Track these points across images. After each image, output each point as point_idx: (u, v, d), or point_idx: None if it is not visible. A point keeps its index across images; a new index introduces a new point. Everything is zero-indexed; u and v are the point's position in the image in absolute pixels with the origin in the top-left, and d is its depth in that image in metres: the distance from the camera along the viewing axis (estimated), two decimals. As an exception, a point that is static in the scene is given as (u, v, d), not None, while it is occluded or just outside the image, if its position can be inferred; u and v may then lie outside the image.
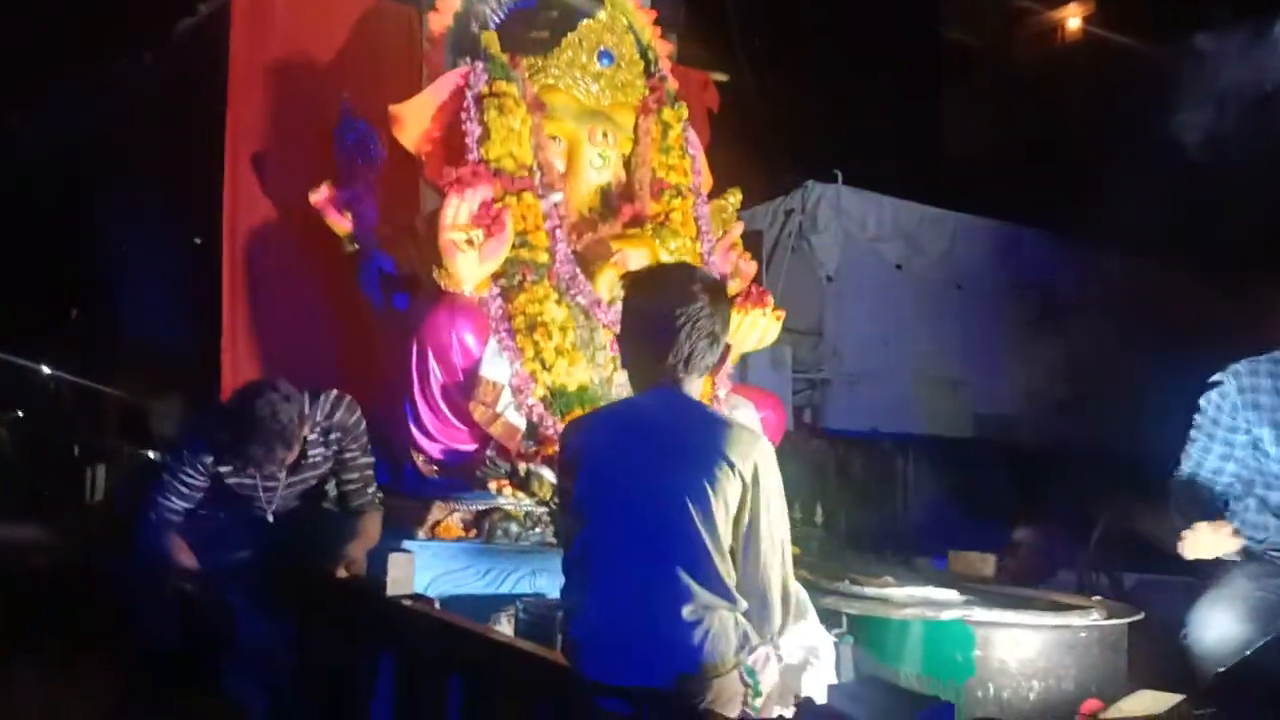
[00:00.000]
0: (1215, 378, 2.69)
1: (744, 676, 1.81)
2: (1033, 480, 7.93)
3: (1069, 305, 8.62)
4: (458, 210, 3.32)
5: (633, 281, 2.08)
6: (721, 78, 5.26)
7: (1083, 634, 2.54)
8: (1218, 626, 2.42)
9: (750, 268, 4.14)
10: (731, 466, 1.77)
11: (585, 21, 3.81)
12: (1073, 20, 12.81)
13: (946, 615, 2.42)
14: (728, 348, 1.94)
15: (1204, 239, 8.03)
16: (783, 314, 3.89)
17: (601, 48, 3.83)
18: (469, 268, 3.32)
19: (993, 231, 9.32)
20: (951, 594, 2.63)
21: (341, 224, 3.71)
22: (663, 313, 1.87)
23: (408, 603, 2.47)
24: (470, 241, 3.31)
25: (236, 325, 3.80)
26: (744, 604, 1.82)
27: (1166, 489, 2.69)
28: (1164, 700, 2.10)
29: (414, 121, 3.72)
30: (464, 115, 3.63)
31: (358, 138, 3.77)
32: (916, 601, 2.58)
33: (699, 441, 1.80)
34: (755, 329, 3.80)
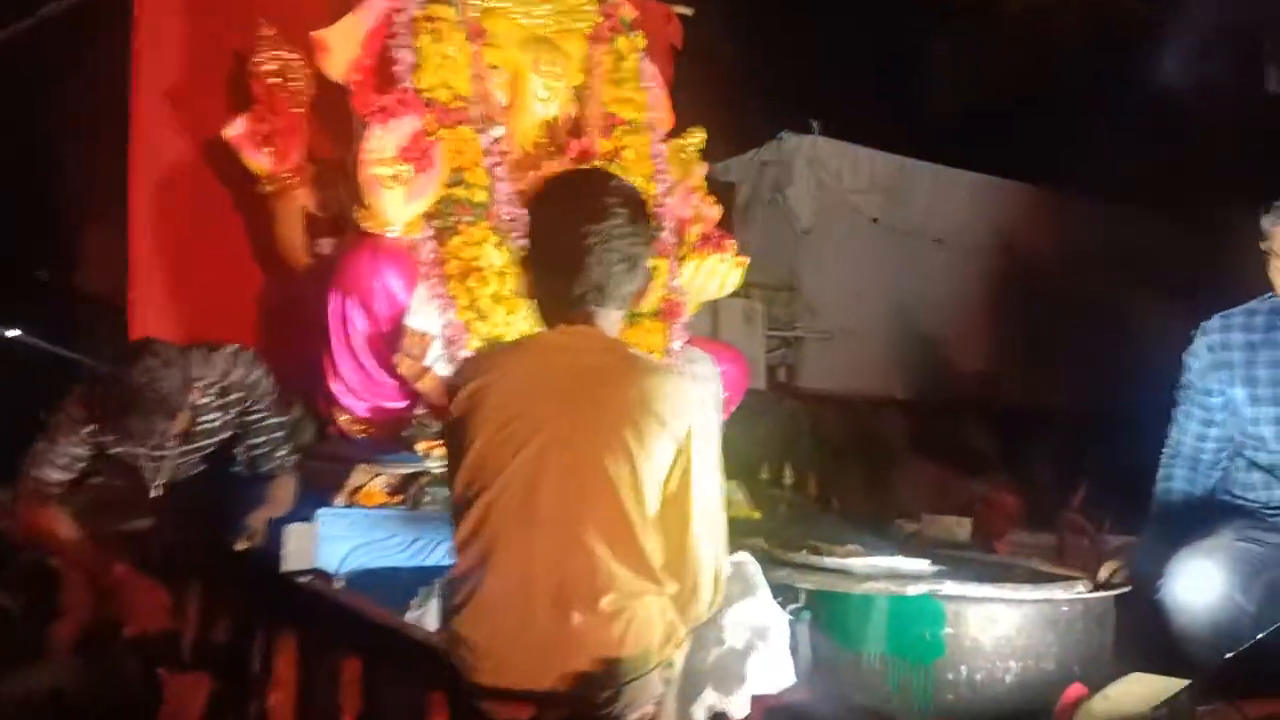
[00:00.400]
0: (1190, 337, 2.48)
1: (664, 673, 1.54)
2: (1015, 439, 7.72)
3: (1054, 260, 8.39)
4: (383, 142, 3.00)
5: (535, 194, 1.77)
6: (686, 11, 4.91)
7: (1065, 609, 2.28)
8: (1193, 578, 2.19)
9: (714, 213, 3.83)
10: (662, 422, 1.49)
11: (527, -61, 3.47)
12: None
13: (913, 589, 2.15)
14: (649, 275, 1.63)
15: (1193, 191, 7.81)
16: (745, 261, 3.60)
17: (547, -33, 3.50)
18: (395, 206, 3.01)
19: (974, 184, 9.02)
20: (921, 564, 2.37)
21: (261, 162, 3.37)
22: (569, 231, 1.57)
23: (304, 580, 2.19)
24: (396, 177, 2.99)
25: (146, 274, 3.46)
26: (672, 586, 1.55)
27: (1152, 496, 2.50)
28: (1158, 686, 1.85)
29: (341, 49, 3.37)
30: (394, 41, 3.30)
31: (279, 67, 3.43)
32: (881, 573, 2.31)
33: (623, 390, 1.52)
34: (714, 276, 3.50)
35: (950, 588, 2.17)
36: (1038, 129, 8.79)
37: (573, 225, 1.56)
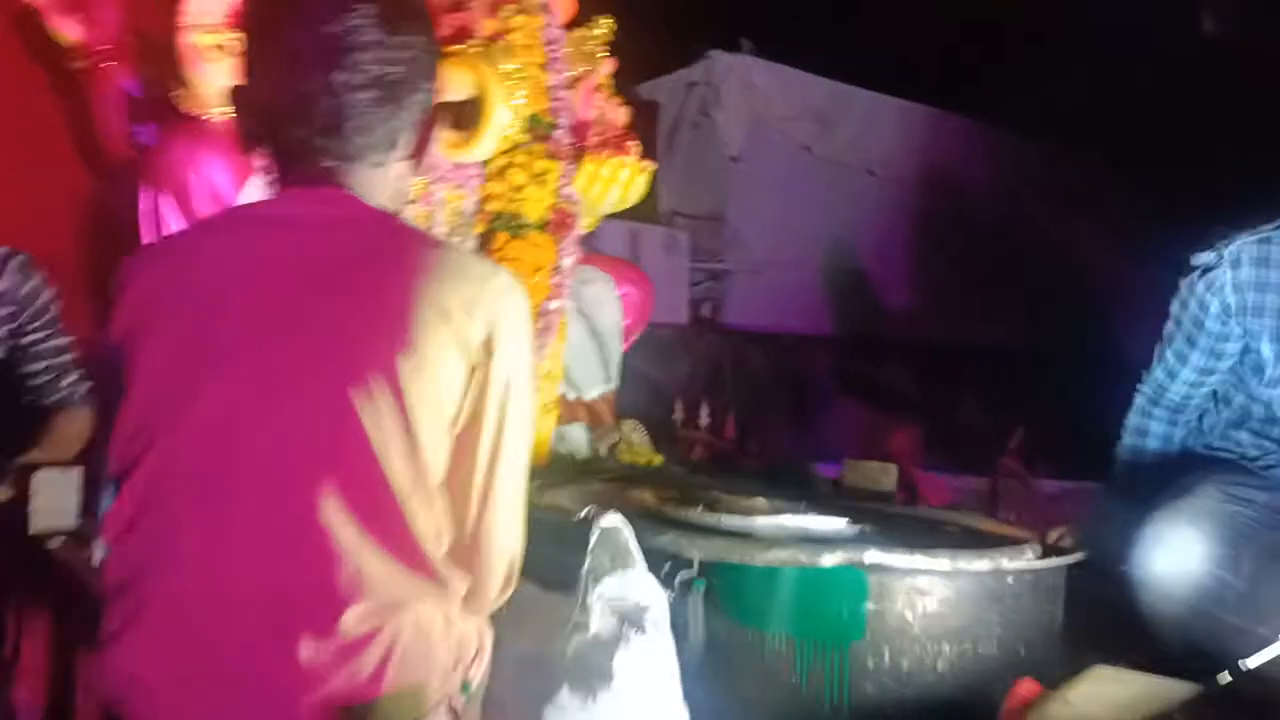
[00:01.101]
0: (1202, 258, 1.95)
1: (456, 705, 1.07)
2: (946, 379, 7.43)
3: (989, 196, 8.06)
4: (203, 3, 2.44)
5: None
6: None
7: (1010, 580, 1.88)
8: (1169, 545, 1.81)
9: (620, 115, 3.31)
10: (450, 327, 1.00)
11: None
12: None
13: (827, 558, 1.73)
14: (429, 110, 1.13)
15: (1131, 129, 7.52)
16: (651, 166, 3.11)
17: None
18: (218, 84, 2.46)
19: (909, 114, 8.62)
20: (838, 523, 1.95)
21: (70, 31, 2.78)
22: (280, 43, 1.05)
23: (55, 544, 1.69)
24: (221, 47, 2.44)
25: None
26: (461, 585, 1.09)
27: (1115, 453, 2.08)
28: (1132, 688, 1.46)
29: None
30: (233, -112, 2.72)
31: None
32: (789, 536, 1.89)
33: (384, 282, 1.01)
34: (614, 184, 3.02)
35: (872, 555, 1.75)
36: (977, 60, 8.41)
37: (285, 34, 1.04)
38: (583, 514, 1.58)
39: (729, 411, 5.21)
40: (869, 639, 1.82)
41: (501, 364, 1.03)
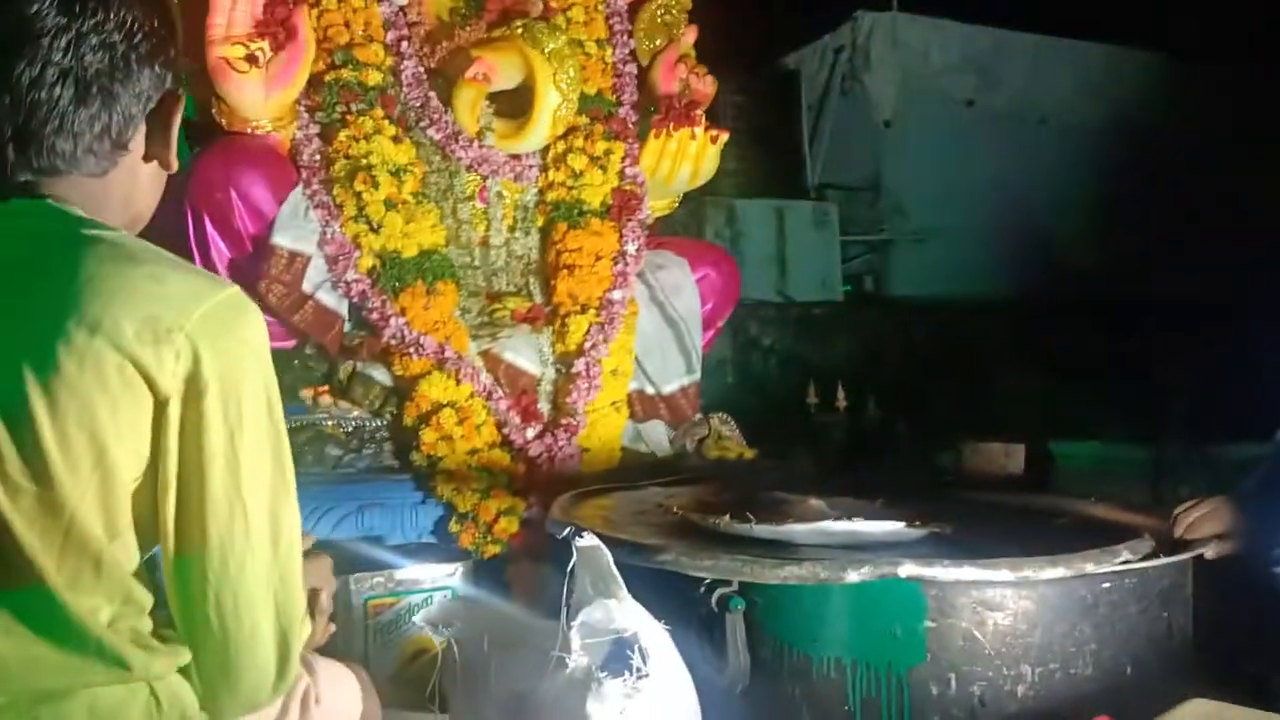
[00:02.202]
0: None
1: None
2: (1137, 341, 6.76)
3: (1178, 139, 7.26)
4: (230, 15, 2.39)
5: None
6: None
7: (1105, 585, 1.55)
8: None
9: (706, 85, 3.07)
10: (115, 346, 0.81)
11: None
12: None
13: (852, 574, 1.46)
14: (150, 101, 0.94)
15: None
16: (723, 136, 2.86)
17: None
18: (252, 96, 2.41)
19: (1083, 55, 7.93)
20: (893, 526, 1.67)
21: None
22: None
23: None
24: (252, 59, 2.38)
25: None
26: (169, 659, 0.89)
27: None
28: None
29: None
30: (274, -102, 2.67)
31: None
32: (836, 541, 1.62)
33: (40, 297, 0.83)
34: (684, 158, 2.79)
35: (910, 568, 1.46)
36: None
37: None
38: (563, 533, 1.39)
39: (871, 391, 4.88)
40: (931, 662, 1.54)
41: (219, 402, 0.84)
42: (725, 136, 2.86)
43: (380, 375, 2.44)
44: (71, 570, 0.82)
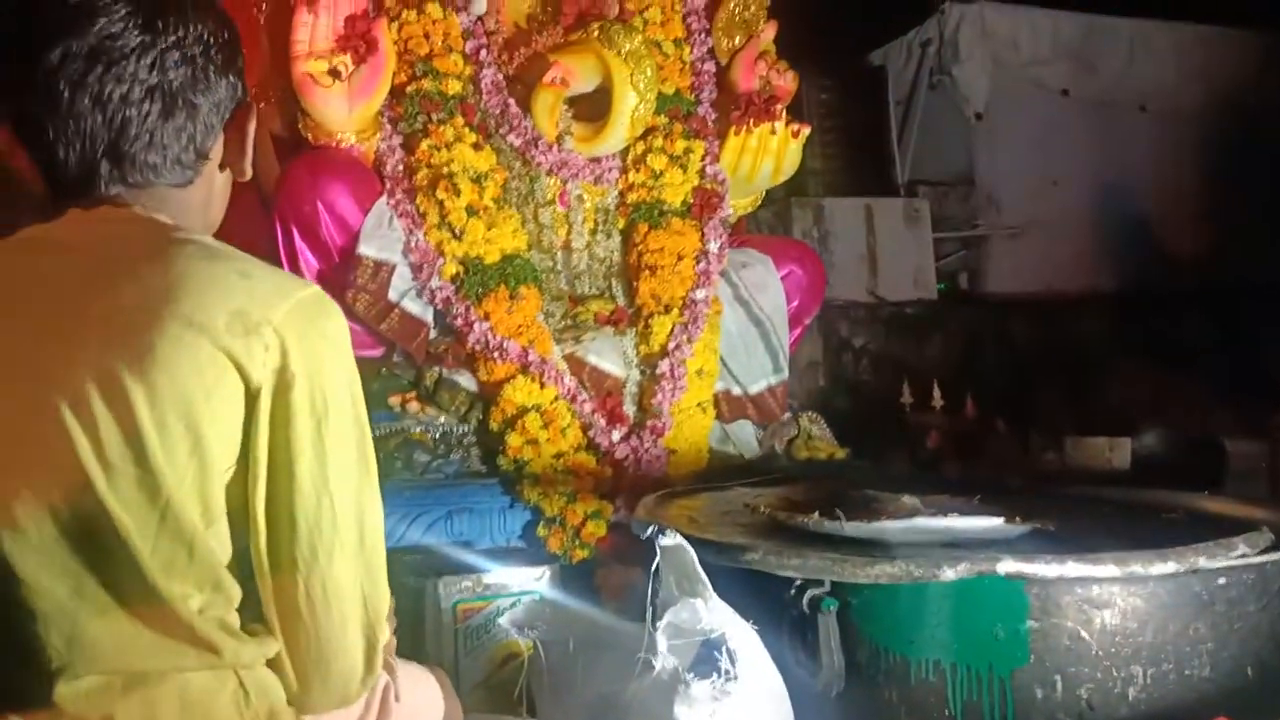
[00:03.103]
0: None
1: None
2: (1253, 329, 6.45)
3: (1283, 117, 6.95)
4: (313, 31, 2.43)
5: None
6: None
7: (1221, 581, 1.46)
8: None
9: (787, 81, 3.03)
10: (208, 335, 0.82)
11: None
12: None
13: (947, 571, 1.40)
14: (224, 114, 0.94)
15: None
16: (804, 130, 2.81)
17: None
18: (336, 109, 2.45)
19: (1181, 37, 7.63)
20: (991, 522, 1.60)
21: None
22: (48, 66, 0.88)
23: None
24: (335, 73, 2.43)
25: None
26: (258, 650, 0.89)
27: None
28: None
29: (299, -66, 2.82)
30: (354, -85, 2.72)
31: (231, -33, 2.91)
32: (925, 538, 1.56)
33: (133, 293, 0.84)
34: (765, 154, 2.75)
35: (1008, 565, 1.39)
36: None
37: (39, 52, 0.87)
38: (646, 532, 1.36)
39: (969, 391, 4.75)
40: (1035, 664, 1.46)
41: (306, 394, 0.85)
42: (807, 130, 2.81)
43: (466, 381, 2.45)
44: (166, 554, 0.83)
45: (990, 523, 1.61)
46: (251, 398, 0.84)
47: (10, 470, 0.81)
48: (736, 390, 2.66)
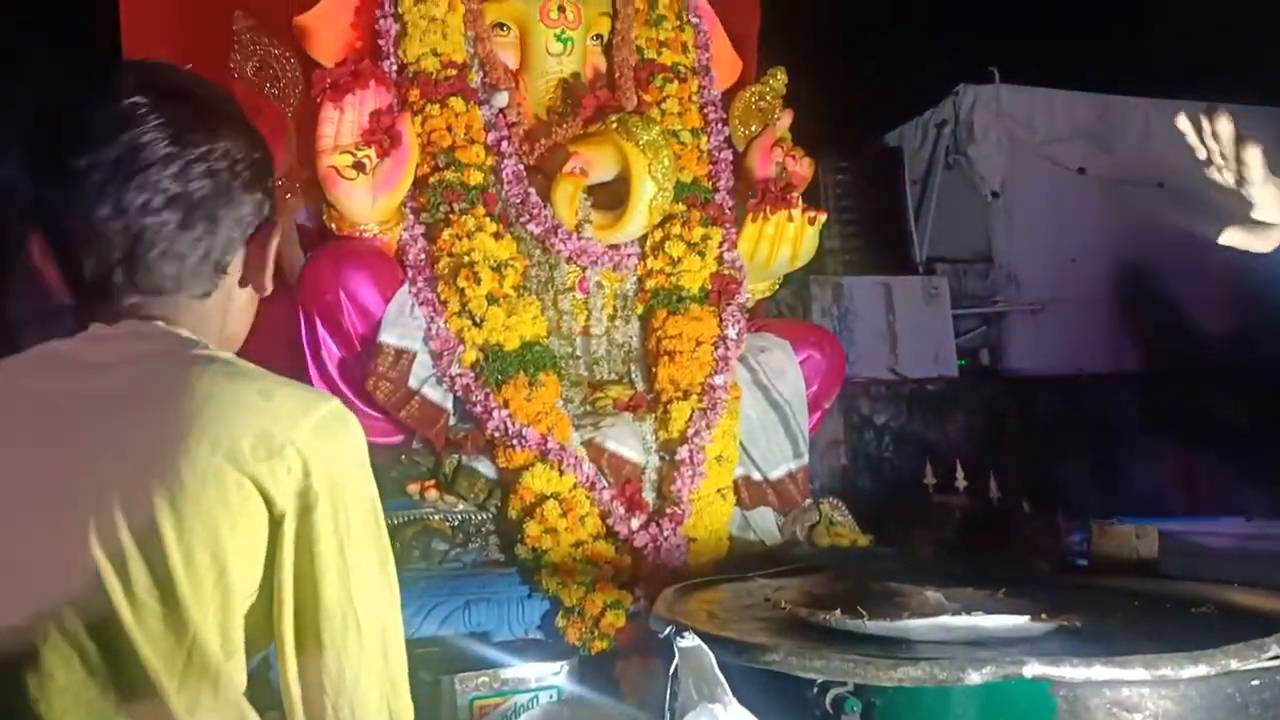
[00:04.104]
0: None
1: None
2: (1272, 411, 6.38)
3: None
4: (338, 126, 2.49)
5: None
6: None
7: (1255, 683, 1.42)
8: None
9: (803, 167, 3.07)
10: (234, 462, 0.83)
11: None
12: None
13: (972, 675, 1.37)
14: (253, 225, 0.96)
15: None
16: (821, 217, 2.83)
17: (550, -104, 2.90)
18: (360, 201, 2.49)
19: (1199, 115, 7.68)
20: (1017, 620, 1.57)
21: (246, 172, 2.94)
22: (72, 171, 0.89)
23: None
24: (359, 166, 2.47)
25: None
26: None
27: None
28: None
29: (328, 32, 2.90)
30: (378, 11, 2.81)
31: (260, 64, 3.00)
32: (950, 636, 1.54)
33: (157, 417, 0.85)
34: (783, 241, 2.77)
35: (1035, 667, 1.36)
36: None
37: (65, 158, 0.89)
38: (664, 632, 1.34)
39: (990, 470, 4.70)
40: (1064, 773, 1.42)
41: (330, 513, 0.85)
42: (823, 217, 2.84)
43: (485, 468, 2.45)
44: (192, 692, 0.83)
45: (1016, 621, 1.58)
46: (275, 523, 0.84)
47: (39, 611, 0.81)
48: (756, 476, 2.64)
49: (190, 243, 0.92)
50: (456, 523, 2.41)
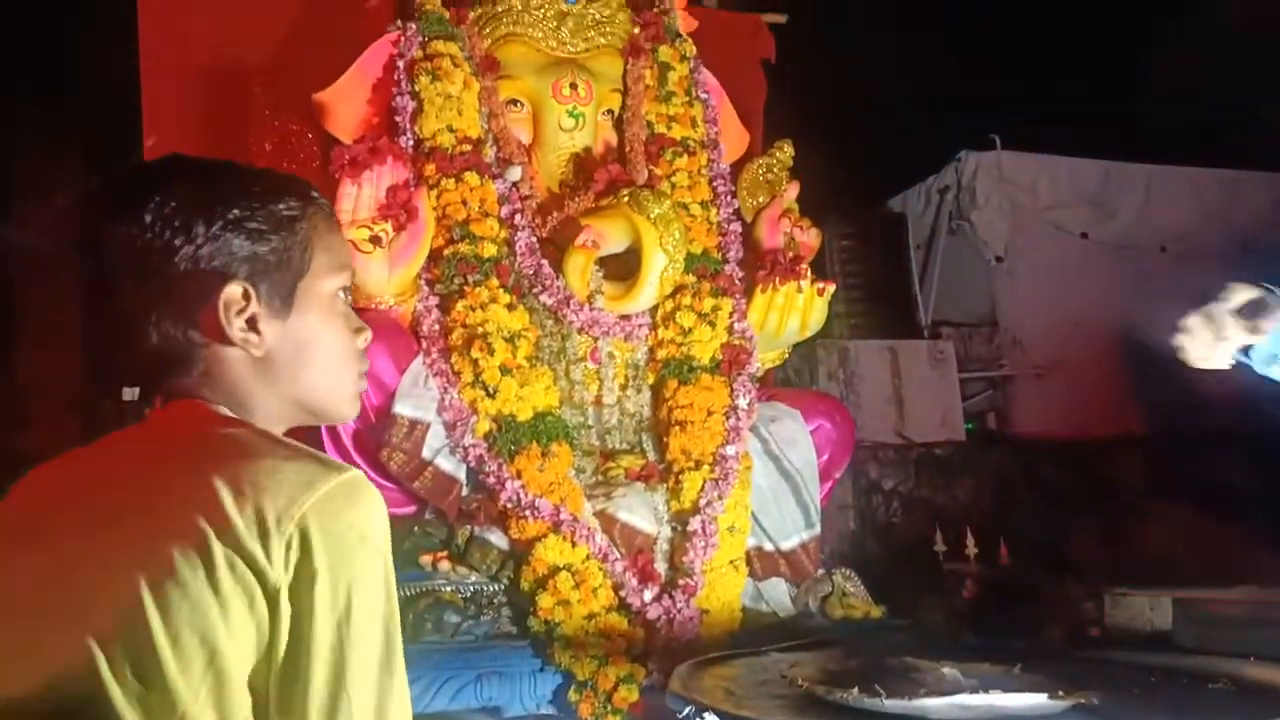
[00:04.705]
0: None
1: None
2: (1282, 474, 6.35)
3: (1309, 257, 7.01)
4: (356, 201, 2.55)
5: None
6: (778, 19, 4.27)
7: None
8: None
9: (810, 238, 3.12)
10: (227, 535, 0.81)
11: (539, -51, 2.97)
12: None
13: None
14: (230, 297, 0.94)
15: None
16: (830, 287, 2.88)
17: (564, -21, 2.99)
18: (376, 274, 2.54)
19: (1202, 180, 7.76)
20: (1034, 700, 1.56)
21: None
22: (88, 255, 0.92)
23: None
24: (376, 240, 2.52)
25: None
26: None
27: None
28: None
29: (345, 108, 2.97)
30: (395, 89, 2.88)
31: (278, 140, 3.07)
32: (968, 714, 1.53)
33: (158, 488, 0.85)
34: (791, 311, 2.80)
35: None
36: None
37: (95, 244, 0.91)
38: (683, 712, 1.34)
39: (1000, 537, 4.69)
40: None
41: (328, 590, 0.82)
42: (832, 288, 2.88)
43: (497, 539, 2.46)
44: None
45: (1034, 699, 1.57)
46: (270, 600, 0.82)
47: (35, 686, 0.81)
48: (769, 546, 2.64)
49: (144, 331, 0.90)
50: (469, 594, 2.41)
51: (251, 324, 0.92)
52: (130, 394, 4.33)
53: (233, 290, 0.91)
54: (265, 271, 0.92)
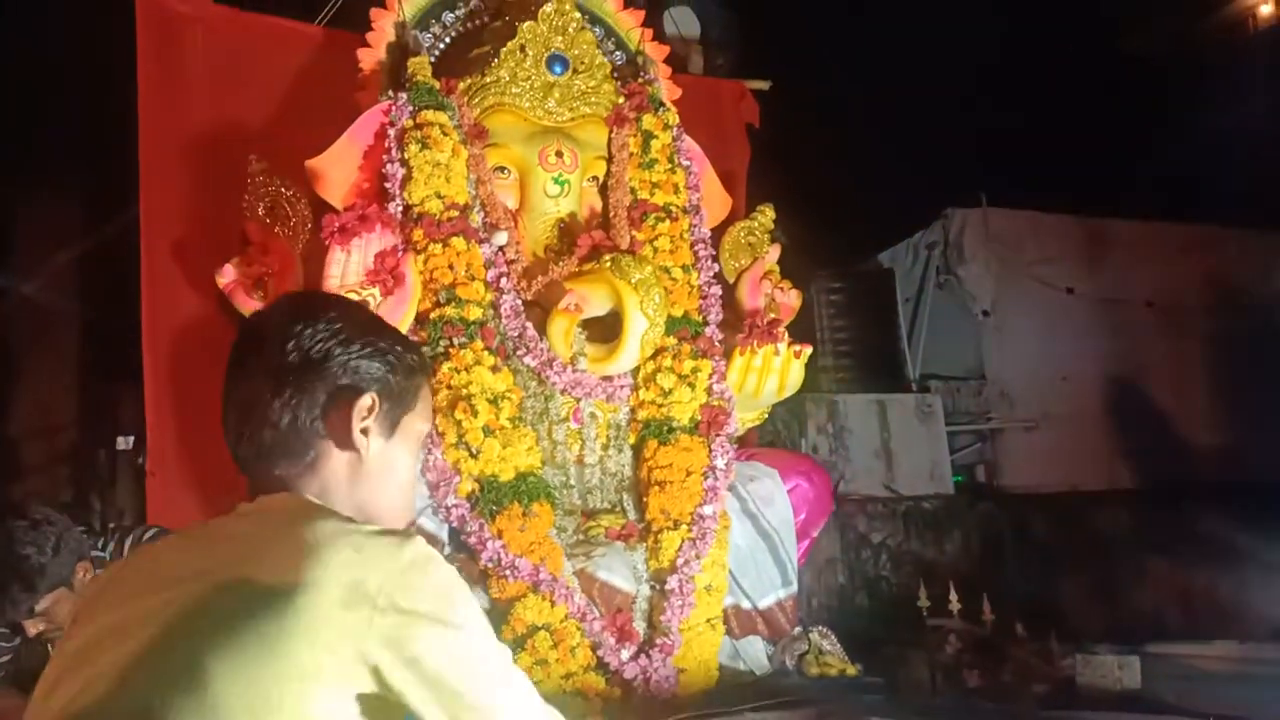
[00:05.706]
0: None
1: None
2: (1268, 521, 6.39)
3: (1291, 313, 7.12)
4: (345, 267, 2.62)
5: None
6: (761, 86, 4.40)
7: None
8: None
9: (791, 299, 3.21)
10: (328, 610, 0.88)
11: (525, 24, 3.08)
12: (1265, 7, 11.12)
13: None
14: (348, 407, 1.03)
15: None
16: (806, 350, 2.95)
17: (550, 52, 3.09)
18: (363, 338, 2.59)
19: (1185, 237, 7.89)
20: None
21: (253, 308, 3.06)
22: (268, 341, 1.06)
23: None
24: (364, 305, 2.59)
25: (159, 438, 3.20)
26: None
27: None
28: None
29: (337, 174, 3.06)
30: (386, 156, 2.96)
31: (271, 204, 3.14)
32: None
33: (263, 573, 0.91)
34: (770, 373, 2.87)
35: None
36: (1261, 172, 7.61)
37: (272, 337, 1.07)
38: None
39: (984, 593, 4.71)
40: None
41: (428, 662, 0.90)
42: (809, 351, 2.95)
43: (479, 598, 2.50)
44: None
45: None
46: (374, 671, 0.89)
47: None
48: (746, 605, 2.69)
49: (281, 432, 1.02)
50: (450, 653, 2.43)
51: (365, 432, 1.06)
52: (124, 442, 4.41)
53: (366, 400, 1.06)
54: (388, 396, 1.08)
